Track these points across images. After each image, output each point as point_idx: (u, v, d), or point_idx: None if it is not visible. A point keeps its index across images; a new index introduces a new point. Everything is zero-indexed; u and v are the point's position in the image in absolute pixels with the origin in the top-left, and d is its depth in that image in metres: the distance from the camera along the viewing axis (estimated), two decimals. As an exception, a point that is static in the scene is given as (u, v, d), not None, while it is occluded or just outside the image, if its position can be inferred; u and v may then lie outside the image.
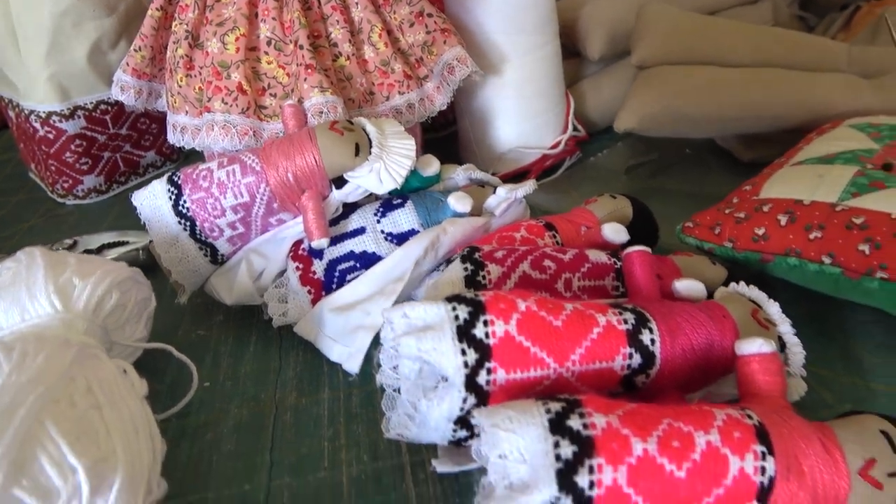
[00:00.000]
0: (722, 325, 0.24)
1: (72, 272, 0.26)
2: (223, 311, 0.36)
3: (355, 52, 0.38)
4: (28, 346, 0.22)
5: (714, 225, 0.32)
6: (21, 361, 0.21)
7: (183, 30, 0.38)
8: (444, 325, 0.22)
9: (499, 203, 0.35)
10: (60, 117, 0.49)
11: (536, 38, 0.45)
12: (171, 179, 0.33)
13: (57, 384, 0.20)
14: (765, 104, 0.42)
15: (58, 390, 0.20)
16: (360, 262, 0.33)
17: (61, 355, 0.22)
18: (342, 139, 0.32)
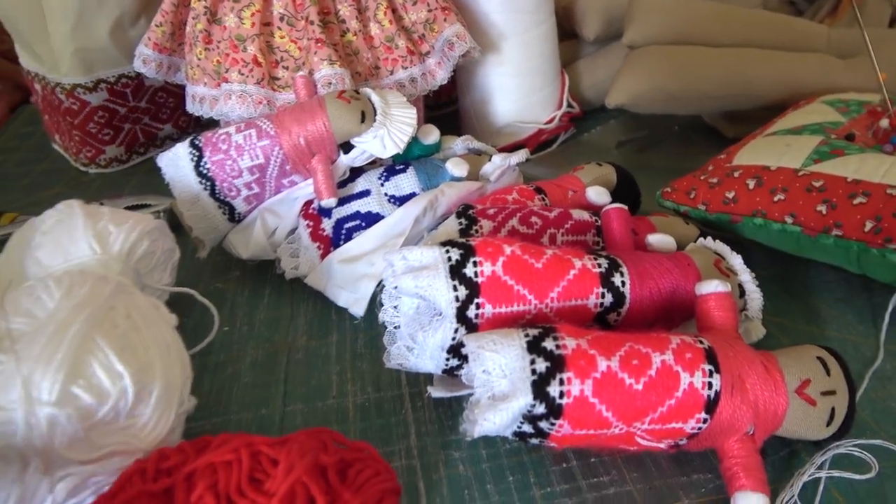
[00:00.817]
0: (686, 272, 0.27)
1: (107, 220, 0.29)
2: (239, 266, 0.39)
3: (362, 29, 0.41)
4: (74, 278, 0.25)
5: (690, 190, 0.35)
6: (69, 290, 0.24)
7: (202, 6, 0.41)
8: (439, 265, 0.25)
9: (494, 169, 0.38)
10: (84, 90, 0.52)
11: (533, 17, 0.47)
12: (192, 143, 0.36)
13: (101, 309, 0.23)
14: (747, 83, 0.44)
15: (102, 313, 0.23)
16: (365, 222, 0.36)
17: (102, 287, 0.25)
18: (349, 107, 0.35)
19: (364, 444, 0.22)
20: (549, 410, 0.21)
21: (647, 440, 0.22)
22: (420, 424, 0.27)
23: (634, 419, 0.21)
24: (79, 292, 0.24)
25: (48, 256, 0.28)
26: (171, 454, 0.21)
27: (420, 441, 0.26)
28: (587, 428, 0.22)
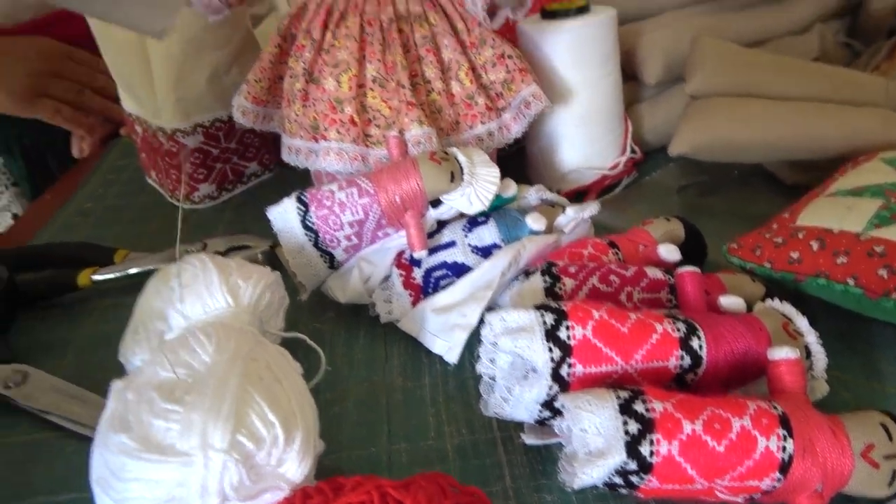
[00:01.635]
0: (758, 335, 0.30)
1: (237, 275, 0.33)
2: (333, 307, 0.43)
3: (445, 89, 0.45)
4: (220, 332, 0.29)
5: (755, 247, 0.37)
6: (219, 344, 0.28)
7: (301, 67, 0.45)
8: (535, 327, 0.28)
9: (568, 222, 0.41)
10: (183, 133, 0.57)
11: (600, 71, 0.50)
12: (299, 198, 0.40)
13: (247, 361, 0.27)
14: (808, 136, 0.46)
15: (249, 366, 0.27)
16: (451, 271, 0.40)
17: (244, 340, 0.29)
18: (440, 168, 0.38)
19: (474, 489, 0.25)
20: (640, 467, 0.24)
21: (726, 495, 0.25)
22: (513, 467, 0.31)
23: (715, 477, 0.24)
24: (227, 346, 0.28)
25: (189, 308, 0.32)
26: (314, 494, 0.25)
27: (514, 483, 0.30)
28: (673, 483, 0.25)
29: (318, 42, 0.45)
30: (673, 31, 0.59)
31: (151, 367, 0.28)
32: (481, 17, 0.40)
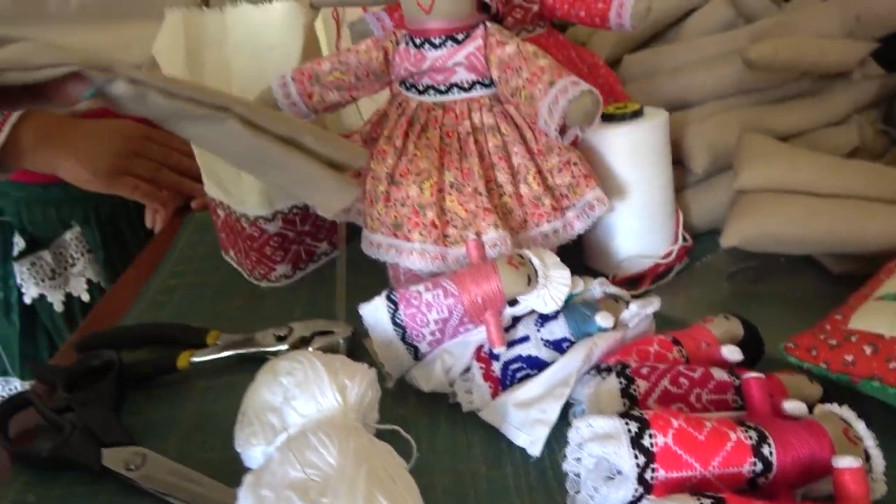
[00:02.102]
0: (821, 441, 0.33)
1: (343, 374, 0.37)
2: (415, 394, 0.46)
3: (514, 192, 0.49)
4: (339, 434, 0.33)
5: (811, 348, 0.41)
6: (341, 446, 0.32)
7: (384, 171, 0.50)
8: (621, 435, 0.32)
9: (632, 317, 0.45)
10: (265, 220, 0.62)
11: (654, 170, 0.55)
12: (389, 297, 0.44)
13: (369, 463, 0.31)
14: (854, 233, 0.50)
15: (371, 468, 0.31)
16: (527, 364, 0.43)
17: (360, 441, 0.33)
18: (518, 272, 0.42)
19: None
20: (725, 571, 0.27)
21: None
22: (598, 558, 0.34)
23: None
24: (347, 447, 0.32)
25: (303, 406, 0.36)
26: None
27: (602, 575, 0.33)
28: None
29: (399, 150, 0.50)
30: (718, 124, 0.63)
31: (281, 465, 0.32)
32: (554, 136, 0.44)
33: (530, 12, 0.63)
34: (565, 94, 0.42)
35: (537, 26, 0.64)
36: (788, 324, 0.47)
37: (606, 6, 0.58)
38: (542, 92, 0.43)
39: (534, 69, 0.45)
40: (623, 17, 0.57)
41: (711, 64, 0.69)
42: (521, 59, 0.46)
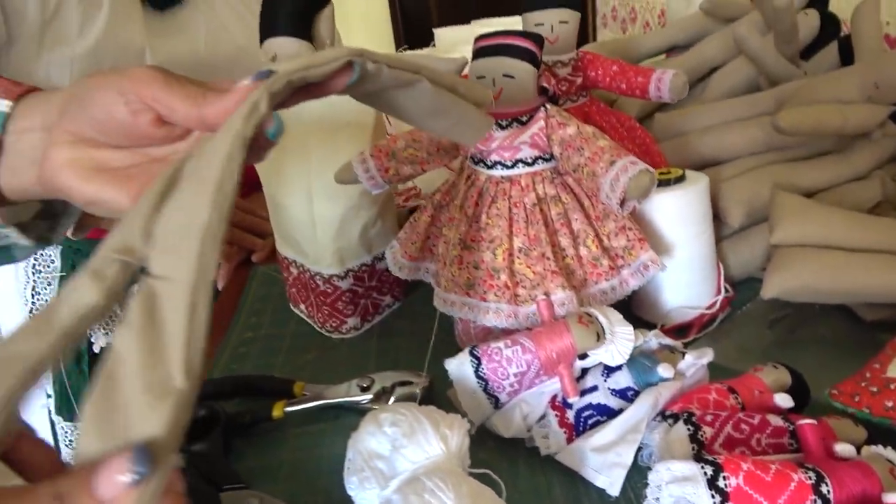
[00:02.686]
0: (871, 479, 0.37)
1: (444, 424, 0.43)
2: (494, 439, 0.51)
3: (575, 254, 0.55)
4: (451, 479, 0.38)
5: (854, 394, 0.46)
6: (455, 490, 0.37)
7: (457, 237, 0.56)
8: (698, 477, 0.37)
9: (689, 367, 0.50)
10: (337, 277, 0.68)
11: (697, 229, 0.60)
12: (472, 353, 0.49)
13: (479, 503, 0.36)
14: (885, 285, 0.55)
15: (482, 510, 0.36)
16: (596, 411, 0.48)
17: (470, 483, 0.38)
18: (588, 330, 0.48)
19: None
20: None
21: None
22: (679, 586, 0.38)
23: None
24: (461, 490, 0.37)
25: (411, 454, 0.42)
26: None
27: None
28: None
29: (471, 217, 0.56)
30: (750, 181, 0.69)
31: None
32: (615, 208, 0.50)
33: (575, 84, 0.69)
34: (625, 173, 0.48)
35: (580, 96, 0.70)
36: (828, 368, 0.52)
37: (646, 80, 0.65)
38: (603, 170, 0.49)
39: (595, 149, 0.51)
40: (662, 90, 0.64)
41: (741, 125, 0.75)
42: (582, 140, 0.52)
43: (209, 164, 0.27)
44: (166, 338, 0.24)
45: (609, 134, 0.69)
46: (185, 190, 0.28)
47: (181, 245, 0.25)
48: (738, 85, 0.89)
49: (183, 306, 0.24)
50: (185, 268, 0.24)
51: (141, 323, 0.24)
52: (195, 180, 0.28)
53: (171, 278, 0.25)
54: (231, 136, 0.28)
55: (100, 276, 0.26)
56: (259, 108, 0.29)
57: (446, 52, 0.98)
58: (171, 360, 0.23)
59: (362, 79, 0.34)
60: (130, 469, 0.21)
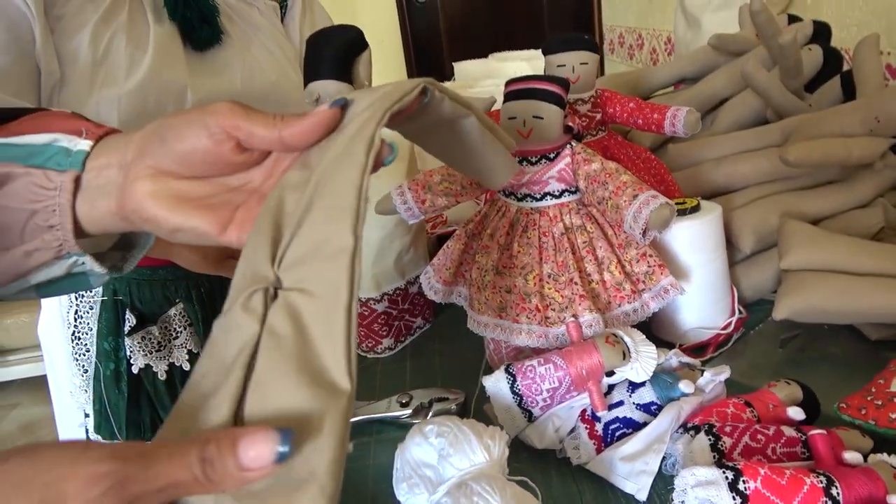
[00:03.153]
0: (876, 483, 0.41)
1: (486, 436, 0.47)
2: (527, 450, 0.56)
3: (600, 279, 0.59)
4: (495, 483, 0.42)
5: (860, 407, 0.50)
6: (501, 493, 0.41)
7: (490, 264, 0.61)
8: (721, 481, 0.41)
9: (707, 383, 0.54)
10: (374, 301, 0.73)
11: (710, 255, 0.65)
12: (507, 370, 0.54)
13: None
14: (884, 306, 0.59)
15: (527, 510, 0.40)
16: (623, 424, 0.53)
17: (513, 487, 0.42)
18: (614, 349, 0.52)
19: None
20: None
21: None
22: (704, 582, 0.42)
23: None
24: (506, 493, 0.41)
25: (458, 462, 0.46)
26: None
27: None
28: None
29: (502, 246, 0.61)
30: (760, 209, 0.74)
31: (456, 509, 0.41)
32: (638, 238, 0.55)
33: (594, 120, 0.74)
34: (647, 206, 0.53)
35: (599, 130, 0.75)
36: (836, 384, 0.56)
37: (662, 117, 0.70)
38: (626, 203, 0.54)
39: (618, 183, 0.56)
40: (677, 126, 0.69)
41: (750, 155, 0.80)
42: (606, 175, 0.57)
43: (342, 195, 0.31)
44: (314, 343, 0.28)
45: (627, 165, 0.74)
46: (317, 220, 0.31)
47: (325, 266, 0.29)
48: (746, 116, 0.94)
49: (340, 319, 0.28)
50: (335, 286, 0.29)
51: (289, 331, 0.28)
52: (328, 210, 0.31)
53: (315, 294, 0.29)
54: (360, 169, 0.31)
55: (250, 308, 0.30)
56: (375, 142, 0.32)
57: (467, 86, 1.03)
58: (327, 363, 0.28)
59: (428, 105, 0.38)
60: (276, 445, 0.25)
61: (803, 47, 0.94)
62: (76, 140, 0.45)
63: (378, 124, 0.33)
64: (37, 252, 0.47)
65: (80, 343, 1.06)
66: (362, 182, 0.31)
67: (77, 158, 0.45)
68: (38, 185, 0.45)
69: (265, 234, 0.32)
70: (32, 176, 0.45)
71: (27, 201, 0.46)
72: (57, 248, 0.47)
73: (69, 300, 1.06)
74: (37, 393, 2.81)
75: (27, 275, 0.48)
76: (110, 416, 1.07)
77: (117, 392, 1.05)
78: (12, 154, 0.45)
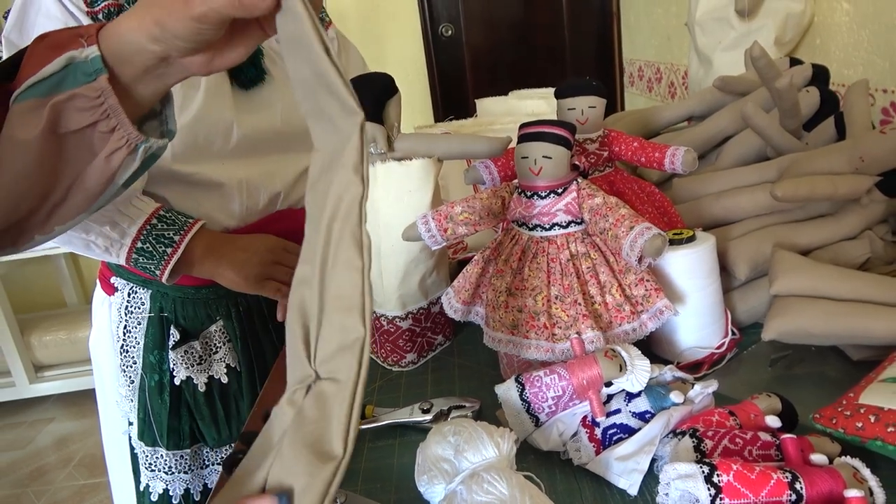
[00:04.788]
0: (837, 480, 0.47)
1: (496, 435, 0.54)
2: (534, 451, 0.62)
3: (602, 300, 0.66)
4: (504, 473, 0.49)
5: (832, 417, 0.56)
6: (509, 481, 0.48)
7: (504, 285, 0.68)
8: (698, 475, 0.47)
9: (697, 395, 0.61)
10: (399, 318, 0.80)
11: (705, 281, 0.71)
12: (517, 380, 0.61)
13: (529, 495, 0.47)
14: (862, 329, 0.65)
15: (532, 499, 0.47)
16: (620, 430, 0.59)
17: (519, 478, 0.49)
18: (612, 362, 0.59)
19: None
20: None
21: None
22: (685, 564, 0.48)
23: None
24: (513, 482, 0.48)
25: (472, 457, 0.53)
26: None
27: (689, 574, 0.47)
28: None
29: (515, 270, 0.68)
30: (755, 239, 0.80)
31: (469, 494, 0.48)
32: (634, 264, 0.62)
33: (602, 157, 0.82)
34: (642, 236, 0.60)
35: (607, 167, 0.83)
36: (819, 399, 0.62)
37: (662, 156, 0.77)
38: (624, 233, 0.61)
39: (617, 216, 0.63)
40: (675, 164, 0.76)
41: (748, 190, 0.86)
42: (607, 208, 0.64)
43: (350, 296, 0.38)
44: (331, 420, 0.36)
45: (631, 199, 0.81)
46: (334, 323, 0.39)
47: (347, 355, 0.37)
48: (748, 152, 1.01)
49: (348, 397, 0.36)
50: (352, 371, 0.37)
51: (314, 413, 0.37)
52: (342, 311, 0.38)
53: (339, 379, 0.37)
54: (360, 273, 0.38)
55: (293, 401, 0.39)
56: (365, 241, 0.39)
57: (488, 123, 1.12)
58: (331, 433, 0.36)
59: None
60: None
61: (802, 89, 1.01)
62: (84, 49, 0.49)
63: (361, 223, 0.39)
64: (114, 154, 0.53)
65: (127, 356, 1.15)
66: (363, 282, 0.38)
67: (96, 63, 0.49)
68: (84, 103, 0.50)
69: (298, 338, 0.40)
70: (75, 98, 0.49)
71: (83, 118, 0.50)
72: (127, 144, 0.53)
73: (119, 316, 1.15)
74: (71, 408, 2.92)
75: (114, 178, 0.54)
76: (153, 424, 1.15)
77: (160, 402, 1.13)
78: (45, 89, 0.49)
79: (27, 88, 0.50)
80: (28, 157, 0.51)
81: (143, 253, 0.99)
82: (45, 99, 0.50)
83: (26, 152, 0.51)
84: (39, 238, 0.59)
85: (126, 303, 1.14)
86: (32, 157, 0.51)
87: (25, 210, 0.54)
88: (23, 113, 0.50)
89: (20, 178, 0.52)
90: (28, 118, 0.50)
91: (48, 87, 0.50)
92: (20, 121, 0.50)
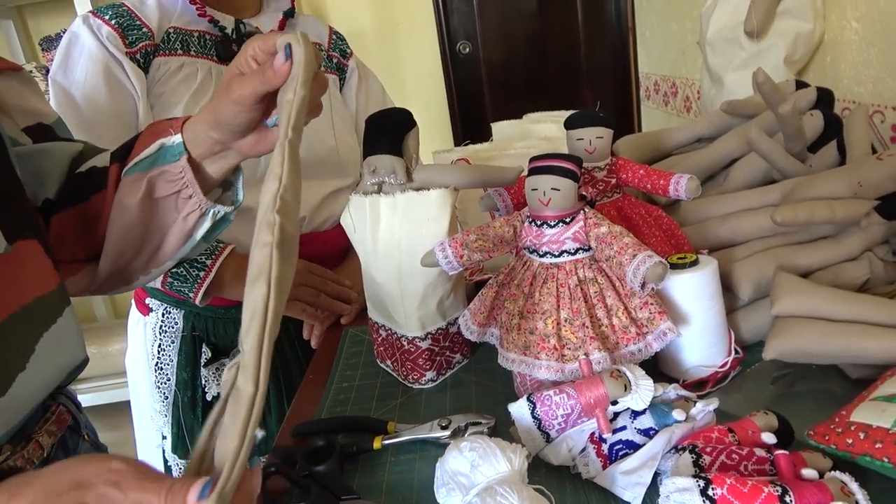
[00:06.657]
0: (825, 494, 0.51)
1: (509, 450, 0.58)
2: (545, 466, 0.66)
3: (609, 323, 0.71)
4: (516, 487, 0.54)
5: (825, 434, 0.59)
6: (520, 495, 0.53)
7: (516, 309, 0.73)
8: (694, 488, 0.51)
9: (699, 413, 0.64)
10: (419, 339, 0.85)
11: (709, 303, 0.75)
12: (529, 399, 0.65)
13: (538, 505, 0.52)
14: (859, 349, 0.68)
15: (540, 507, 0.51)
16: (625, 445, 0.63)
17: (531, 491, 0.53)
18: (617, 382, 0.63)
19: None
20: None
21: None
22: (684, 571, 0.52)
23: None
24: (524, 495, 0.52)
25: (486, 471, 0.57)
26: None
27: (687, 580, 0.51)
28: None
29: (527, 294, 0.73)
30: (758, 261, 0.84)
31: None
32: (637, 289, 0.66)
33: (610, 184, 0.86)
34: (644, 264, 0.64)
35: (615, 193, 0.87)
36: (818, 416, 0.66)
37: (667, 183, 0.81)
38: (627, 261, 0.66)
39: (621, 244, 0.67)
40: (679, 191, 0.80)
41: (753, 213, 0.90)
42: (612, 237, 0.68)
43: (259, 263, 0.45)
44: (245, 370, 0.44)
45: (639, 223, 0.86)
46: (249, 294, 0.46)
47: (256, 318, 0.44)
48: (754, 174, 1.04)
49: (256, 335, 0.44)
50: (258, 309, 0.44)
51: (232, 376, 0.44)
52: (252, 279, 0.46)
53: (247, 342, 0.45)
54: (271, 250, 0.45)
55: (227, 381, 0.46)
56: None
57: (503, 147, 1.17)
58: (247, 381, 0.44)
59: None
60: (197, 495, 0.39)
61: (806, 113, 1.04)
62: (171, 137, 0.67)
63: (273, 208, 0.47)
64: (189, 215, 0.70)
65: (161, 373, 1.21)
66: (272, 254, 0.45)
67: (179, 148, 0.66)
68: (170, 176, 0.67)
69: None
70: (164, 172, 0.67)
71: (170, 188, 0.68)
72: (199, 208, 0.70)
73: (153, 335, 1.22)
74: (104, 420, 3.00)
75: (191, 233, 0.72)
76: (186, 438, 1.21)
77: (193, 417, 1.19)
78: (145, 166, 0.68)
79: (133, 165, 0.68)
80: (132, 217, 0.68)
81: (178, 277, 1.05)
82: (144, 173, 0.68)
83: (131, 213, 0.68)
84: (143, 279, 0.77)
85: (160, 322, 1.21)
86: (135, 216, 0.68)
87: (131, 256, 0.72)
88: (130, 183, 0.68)
89: (126, 232, 0.70)
90: (133, 187, 0.68)
91: (147, 164, 0.68)
92: (127, 189, 0.68)
